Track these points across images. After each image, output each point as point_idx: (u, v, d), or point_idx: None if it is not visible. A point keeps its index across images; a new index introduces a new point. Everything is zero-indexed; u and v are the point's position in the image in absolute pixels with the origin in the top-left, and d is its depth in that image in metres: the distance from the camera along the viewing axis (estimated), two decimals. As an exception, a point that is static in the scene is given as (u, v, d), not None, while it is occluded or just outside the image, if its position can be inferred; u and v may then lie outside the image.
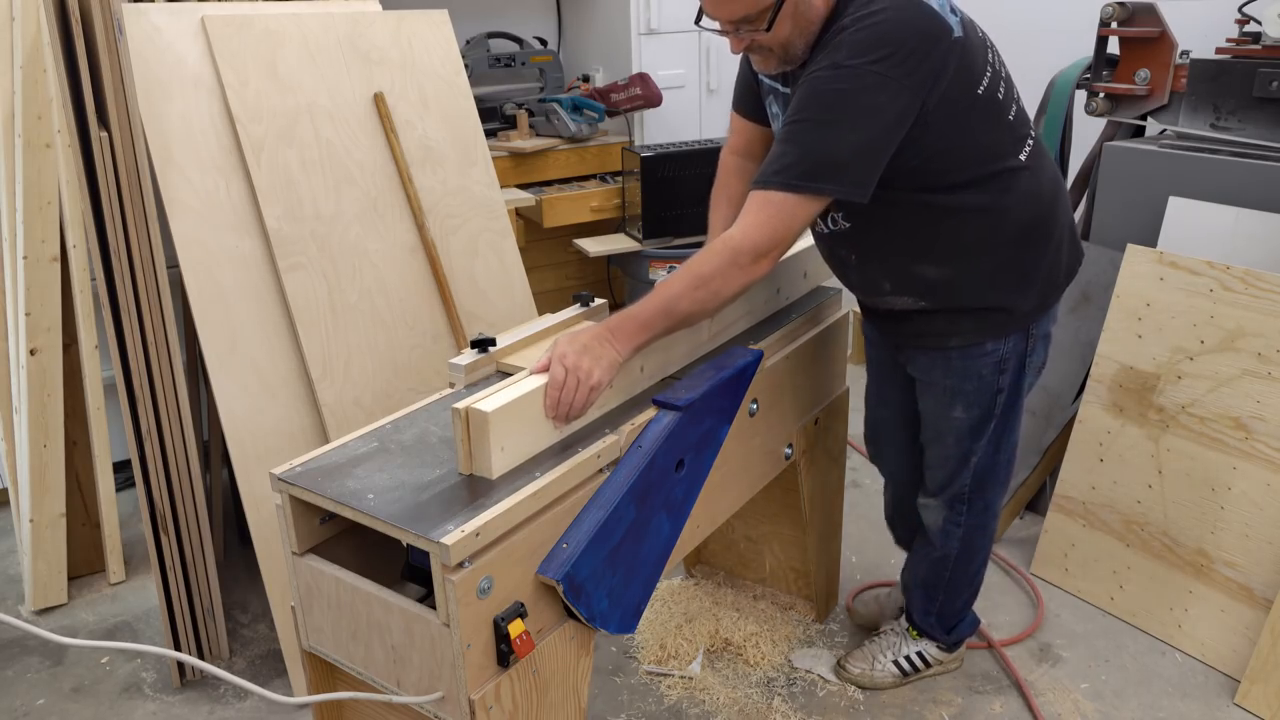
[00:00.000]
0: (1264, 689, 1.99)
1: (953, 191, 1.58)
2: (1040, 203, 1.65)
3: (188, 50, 2.06)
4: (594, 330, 1.46)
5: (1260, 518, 2.07)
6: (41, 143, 2.23)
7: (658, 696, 2.09)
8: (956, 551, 1.94)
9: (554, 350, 1.43)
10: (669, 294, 1.48)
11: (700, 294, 1.49)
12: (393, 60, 2.32)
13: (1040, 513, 2.65)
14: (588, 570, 1.36)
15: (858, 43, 1.44)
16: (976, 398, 1.76)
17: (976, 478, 1.86)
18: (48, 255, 2.27)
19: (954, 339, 1.71)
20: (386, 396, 2.13)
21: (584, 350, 1.42)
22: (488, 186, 2.42)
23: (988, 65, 1.55)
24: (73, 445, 2.43)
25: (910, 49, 1.43)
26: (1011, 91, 1.61)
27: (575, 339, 1.43)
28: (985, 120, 1.55)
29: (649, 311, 1.48)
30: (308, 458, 1.38)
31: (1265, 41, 2.33)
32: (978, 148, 1.57)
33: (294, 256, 2.07)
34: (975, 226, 1.61)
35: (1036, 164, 1.64)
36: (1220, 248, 2.27)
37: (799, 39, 1.53)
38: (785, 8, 1.48)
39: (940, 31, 1.46)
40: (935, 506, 1.92)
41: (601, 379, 1.42)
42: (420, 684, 1.30)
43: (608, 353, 1.44)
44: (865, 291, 1.79)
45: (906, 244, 1.65)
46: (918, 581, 2.04)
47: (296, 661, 1.99)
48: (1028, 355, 1.75)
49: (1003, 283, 1.66)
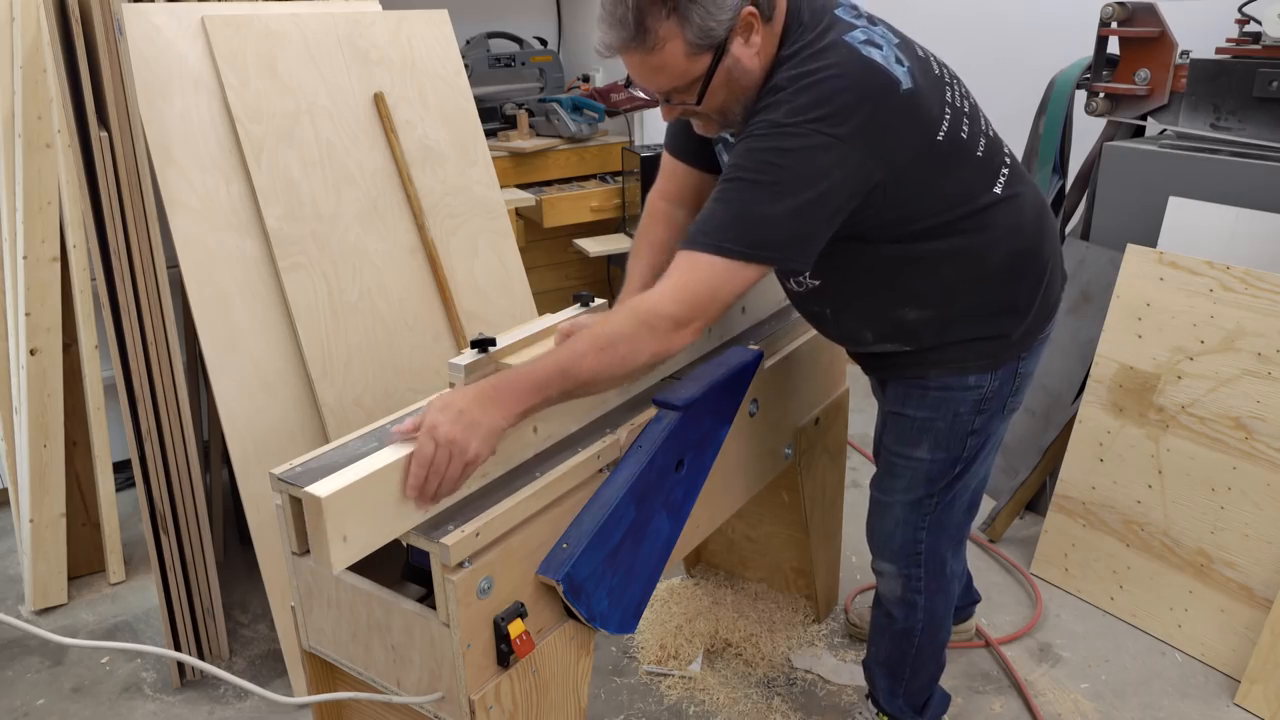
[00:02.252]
0: (1264, 689, 1.99)
1: (925, 239, 1.47)
2: (1023, 234, 1.53)
3: (188, 50, 2.06)
4: (474, 391, 1.25)
5: (1260, 518, 2.07)
6: (41, 143, 2.23)
7: (658, 696, 2.09)
8: (921, 625, 1.78)
9: (424, 417, 1.23)
10: (570, 353, 1.30)
11: (605, 358, 1.30)
12: (393, 60, 2.32)
13: (1040, 513, 2.65)
14: (588, 570, 1.36)
15: (798, 103, 1.31)
16: (947, 438, 1.61)
17: (932, 532, 1.71)
18: (48, 255, 2.27)
19: (933, 369, 1.59)
20: (386, 396, 2.13)
21: (458, 418, 1.21)
22: (488, 186, 2.42)
23: (946, 107, 1.42)
24: (73, 445, 2.43)
25: (854, 108, 1.31)
26: (977, 125, 1.48)
27: (450, 404, 1.22)
28: (949, 166, 1.43)
29: (544, 371, 1.29)
30: (308, 458, 1.37)
31: (1265, 41, 2.33)
32: (944, 195, 1.45)
33: (294, 256, 2.07)
34: (954, 268, 1.50)
35: (1014, 193, 1.52)
36: (1220, 248, 2.27)
37: (735, 104, 1.41)
38: (717, 78, 1.36)
39: (886, 87, 1.33)
40: (891, 574, 1.77)
41: (479, 453, 1.22)
42: (420, 684, 1.30)
43: (488, 419, 1.23)
44: (849, 342, 1.69)
45: (883, 294, 1.54)
46: (879, 660, 1.87)
47: (296, 661, 1.99)
48: (1010, 395, 1.62)
49: (990, 315, 1.55)
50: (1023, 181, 1.55)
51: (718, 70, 1.36)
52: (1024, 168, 1.61)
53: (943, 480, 1.66)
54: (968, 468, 1.66)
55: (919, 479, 1.67)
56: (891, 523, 1.73)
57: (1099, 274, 2.55)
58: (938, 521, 1.71)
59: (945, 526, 1.72)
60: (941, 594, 1.78)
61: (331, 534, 1.13)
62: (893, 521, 1.73)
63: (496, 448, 1.27)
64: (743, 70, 1.37)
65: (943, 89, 1.44)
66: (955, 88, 1.48)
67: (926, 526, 1.71)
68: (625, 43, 1.34)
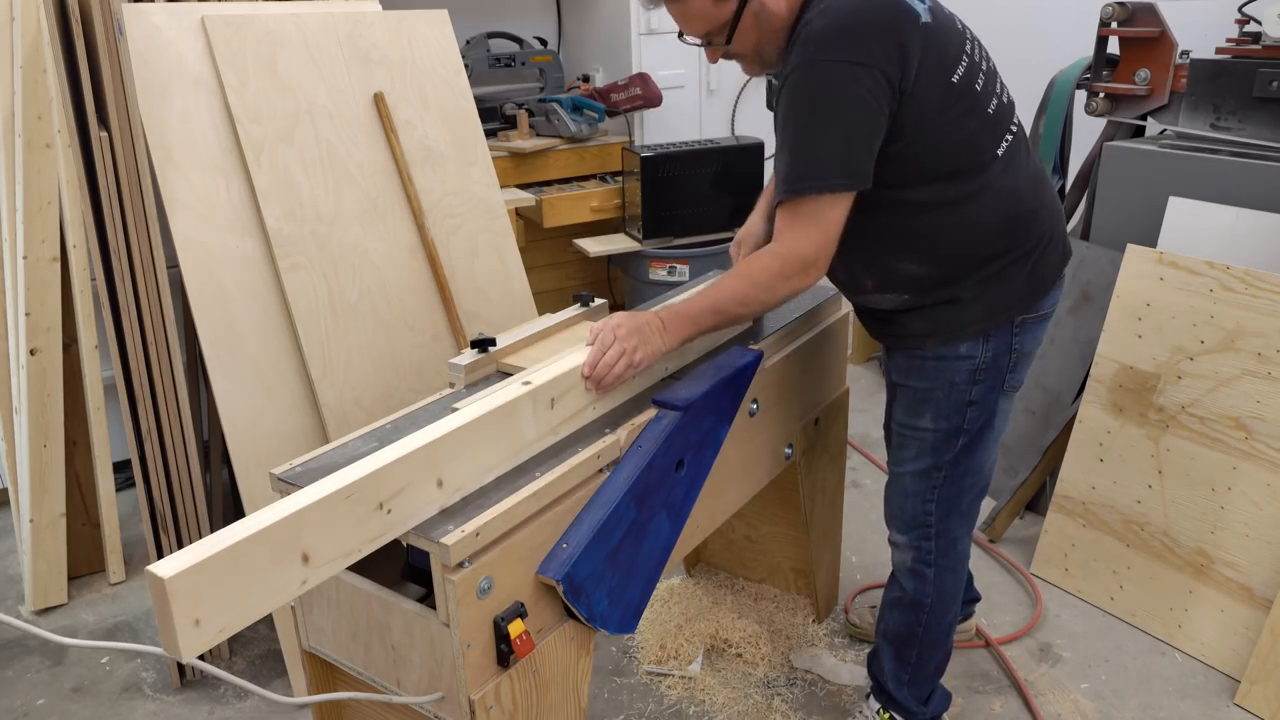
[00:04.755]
0: (1264, 689, 1.99)
1: (925, 184, 1.54)
2: (1018, 199, 1.60)
3: (188, 50, 2.06)
4: (647, 315, 1.51)
5: (1260, 518, 2.07)
6: (41, 143, 2.23)
7: (658, 696, 2.09)
8: (930, 599, 1.83)
9: (608, 320, 1.49)
10: (720, 294, 1.53)
11: (750, 297, 1.53)
12: (393, 60, 2.32)
13: (1040, 513, 2.65)
14: (588, 570, 1.36)
15: (822, 33, 1.43)
16: (947, 407, 1.68)
17: (941, 506, 1.77)
18: (48, 255, 2.27)
19: (930, 339, 1.66)
20: (386, 396, 2.13)
21: (636, 330, 1.48)
22: (488, 186, 2.42)
23: (964, 54, 1.52)
24: (73, 445, 2.43)
25: (874, 32, 1.42)
26: (992, 85, 1.57)
27: (632, 317, 1.50)
28: (961, 110, 1.51)
29: (699, 308, 1.53)
30: (308, 458, 1.38)
31: (1265, 41, 2.33)
32: (952, 140, 1.52)
33: (294, 256, 2.07)
34: (951, 223, 1.57)
35: (1015, 158, 1.59)
36: (1220, 248, 2.27)
37: (768, 45, 1.54)
38: (744, 20, 1.50)
39: (904, 14, 1.44)
40: (904, 545, 1.84)
41: (644, 360, 1.48)
42: (420, 684, 1.30)
43: (655, 340, 1.50)
44: (850, 289, 1.75)
45: (884, 243, 1.61)
46: (888, 638, 1.90)
47: (296, 661, 1.99)
48: (1008, 370, 1.68)
49: (985, 278, 1.61)
50: (1022, 152, 1.61)
51: (744, 14, 1.50)
52: (1030, 146, 1.66)
53: (948, 451, 1.72)
54: (971, 441, 1.72)
55: (925, 448, 1.74)
56: (902, 494, 1.81)
57: (1099, 274, 2.55)
58: (946, 496, 1.77)
59: (954, 504, 1.78)
60: (950, 571, 1.83)
61: (179, 619, 0.94)
62: (903, 493, 1.81)
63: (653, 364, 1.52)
64: (769, 13, 1.50)
65: (963, 41, 1.54)
66: (976, 46, 1.57)
67: (935, 500, 1.77)
68: None
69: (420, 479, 1.21)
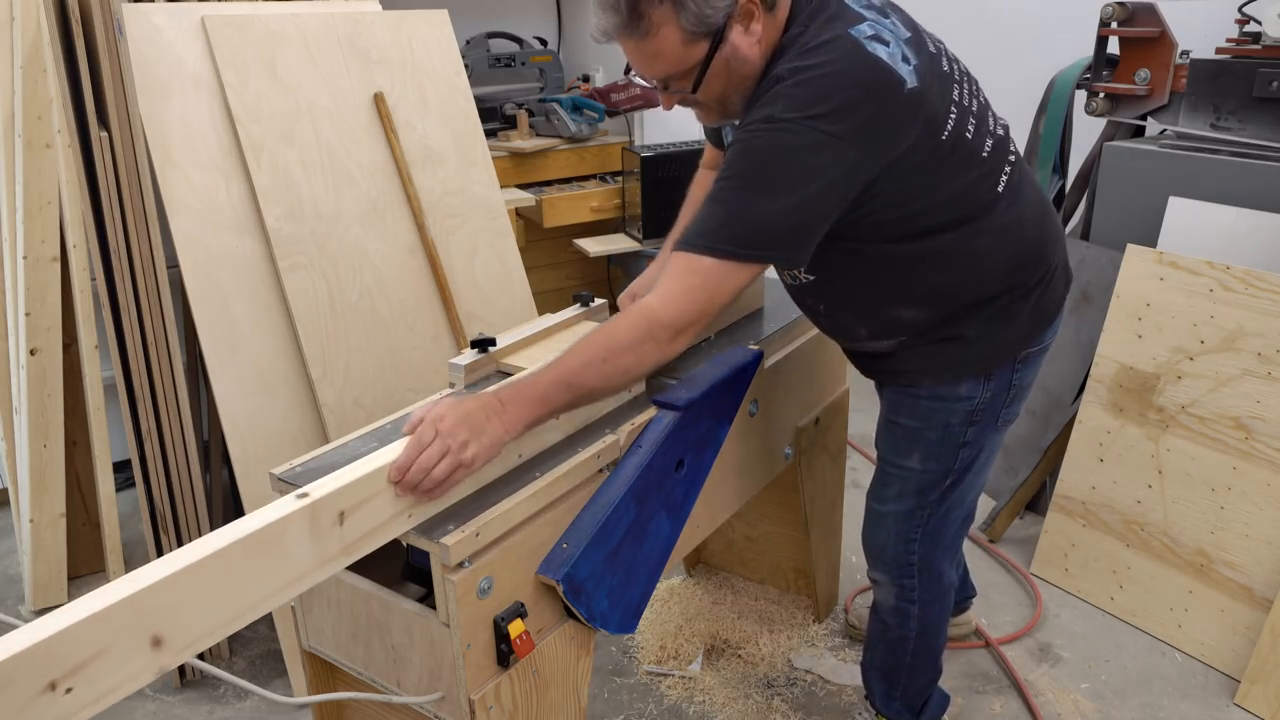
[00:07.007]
0: (1264, 689, 1.99)
1: (923, 238, 1.43)
2: (1023, 234, 1.49)
3: (188, 50, 2.06)
4: (483, 398, 1.24)
5: (1260, 518, 2.07)
6: (41, 143, 2.23)
7: (658, 696, 2.09)
8: (915, 634, 1.76)
9: (432, 408, 1.22)
10: (574, 364, 1.29)
11: (609, 368, 1.29)
12: (393, 60, 2.32)
13: (1040, 513, 2.65)
14: (588, 570, 1.36)
15: (796, 97, 1.27)
16: (938, 449, 1.58)
17: (925, 544, 1.67)
18: (48, 255, 2.27)
19: (928, 376, 1.54)
20: (386, 396, 2.13)
21: (464, 419, 1.19)
22: (488, 186, 2.42)
23: (952, 106, 1.37)
24: (73, 445, 2.43)
25: (855, 105, 1.26)
26: (985, 125, 1.44)
27: (461, 404, 1.21)
28: (953, 167, 1.39)
29: (547, 383, 1.27)
30: (308, 458, 1.38)
31: (1265, 41, 2.33)
32: (945, 195, 1.40)
33: (294, 256, 2.07)
34: (951, 268, 1.46)
35: (1016, 192, 1.48)
36: (1220, 248, 2.27)
37: (735, 93, 1.38)
38: (715, 65, 1.33)
39: (890, 86, 1.28)
40: (885, 584, 1.75)
41: (476, 458, 1.20)
42: (420, 684, 1.30)
43: (492, 428, 1.21)
44: (843, 338, 1.65)
45: (878, 292, 1.50)
46: (875, 665, 1.85)
47: (296, 661, 1.99)
48: (1003, 407, 1.58)
49: (991, 315, 1.50)
50: (1023, 183, 1.51)
51: (715, 58, 1.32)
52: (1029, 169, 1.57)
53: (934, 492, 1.63)
54: (960, 479, 1.63)
55: (910, 489, 1.64)
56: (884, 533, 1.71)
57: (1099, 274, 2.55)
58: (930, 533, 1.68)
59: (939, 538, 1.69)
60: (936, 603, 1.76)
61: None
62: (885, 532, 1.71)
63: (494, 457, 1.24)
64: (741, 60, 1.34)
65: (950, 87, 1.39)
66: (964, 85, 1.43)
67: (919, 539, 1.68)
68: (618, 28, 1.31)
69: (120, 641, 0.89)
